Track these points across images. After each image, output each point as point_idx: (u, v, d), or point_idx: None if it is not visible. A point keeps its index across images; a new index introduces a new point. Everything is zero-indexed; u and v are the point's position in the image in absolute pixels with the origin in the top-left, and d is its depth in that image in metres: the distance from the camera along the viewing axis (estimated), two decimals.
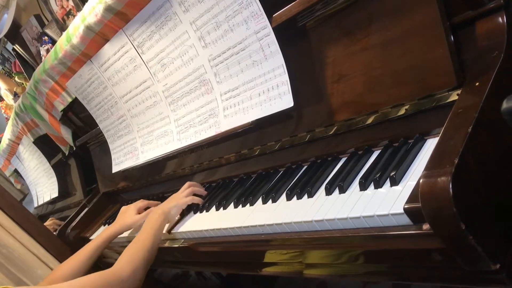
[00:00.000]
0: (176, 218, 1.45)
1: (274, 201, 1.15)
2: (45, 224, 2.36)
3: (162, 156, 1.68)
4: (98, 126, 2.05)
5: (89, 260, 1.51)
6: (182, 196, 1.46)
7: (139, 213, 1.62)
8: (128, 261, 1.23)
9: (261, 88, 1.23)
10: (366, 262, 0.88)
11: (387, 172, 0.91)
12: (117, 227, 1.57)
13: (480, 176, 0.72)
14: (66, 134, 2.36)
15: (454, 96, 0.87)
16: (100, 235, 1.57)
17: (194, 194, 1.48)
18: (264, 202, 1.18)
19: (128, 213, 1.61)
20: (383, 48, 0.98)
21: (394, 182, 0.88)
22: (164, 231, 1.41)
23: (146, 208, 1.66)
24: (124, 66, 1.65)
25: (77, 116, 2.30)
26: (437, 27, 0.87)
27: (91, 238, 2.09)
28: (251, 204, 1.22)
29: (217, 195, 1.44)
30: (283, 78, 1.18)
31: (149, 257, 1.28)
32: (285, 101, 1.18)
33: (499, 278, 0.70)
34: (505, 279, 0.69)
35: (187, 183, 1.52)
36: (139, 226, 1.58)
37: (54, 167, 2.79)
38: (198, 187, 1.51)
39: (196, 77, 1.42)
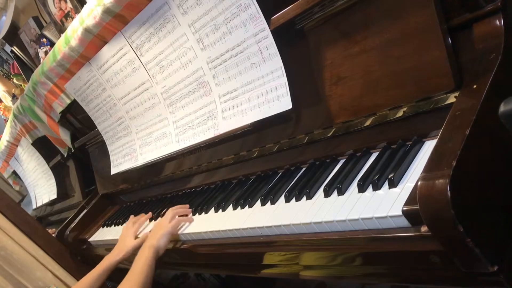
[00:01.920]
0: (166, 247, 1.39)
1: (272, 203, 1.15)
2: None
3: (161, 158, 1.68)
4: (96, 128, 2.05)
5: None
6: (167, 222, 1.41)
7: (136, 237, 1.61)
8: None
9: (260, 90, 1.24)
10: (364, 264, 0.89)
11: (386, 174, 0.91)
12: (115, 256, 1.55)
13: (478, 179, 0.72)
14: (64, 136, 2.36)
15: (452, 99, 0.87)
16: (101, 264, 1.54)
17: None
18: (263, 204, 1.18)
19: (126, 239, 1.60)
20: (381, 50, 0.98)
21: (393, 184, 0.88)
22: None
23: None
24: (122, 68, 1.65)
25: (76, 118, 2.30)
26: (435, 29, 0.88)
27: (89, 239, 2.09)
28: (250, 206, 1.22)
29: (216, 197, 1.44)
30: (282, 80, 1.18)
31: None
32: (284, 103, 1.18)
33: (497, 280, 0.70)
34: (503, 281, 0.70)
35: (169, 209, 1.48)
36: (137, 250, 1.57)
37: (53, 168, 2.79)
38: (180, 208, 1.48)
39: (194, 79, 1.42)
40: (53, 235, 2.24)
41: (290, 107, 1.16)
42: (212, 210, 1.37)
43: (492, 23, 0.84)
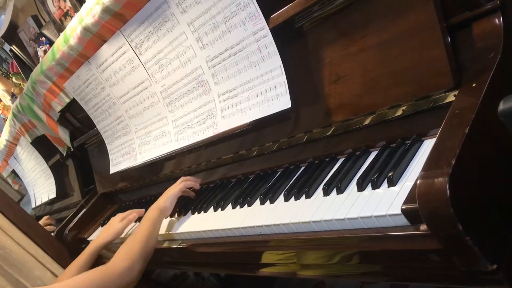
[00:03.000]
0: (171, 209, 1.46)
1: (272, 202, 1.15)
2: (40, 222, 2.36)
3: (160, 157, 1.68)
4: (95, 127, 2.04)
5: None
6: (174, 187, 1.48)
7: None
8: (125, 255, 1.28)
9: (259, 89, 1.23)
10: (363, 263, 0.89)
11: (385, 172, 0.91)
12: (102, 239, 1.58)
13: (477, 177, 0.72)
14: (63, 135, 2.35)
15: (451, 97, 0.87)
16: (87, 249, 1.58)
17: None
18: (262, 203, 1.18)
19: (112, 223, 1.63)
20: (380, 49, 0.98)
21: (392, 182, 0.88)
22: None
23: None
24: (121, 67, 1.65)
25: (75, 117, 2.30)
26: (434, 28, 0.88)
27: (88, 239, 2.09)
28: (249, 205, 1.22)
29: (215, 196, 1.44)
30: (281, 79, 1.18)
31: (146, 250, 1.31)
32: (283, 102, 1.18)
33: (496, 278, 0.70)
34: (502, 279, 0.70)
35: (181, 178, 1.54)
36: (121, 233, 1.60)
37: (52, 168, 2.78)
38: (191, 180, 1.53)
39: (194, 78, 1.42)
40: (52, 233, 2.24)
41: (289, 106, 1.16)
42: (211, 209, 1.37)
43: (492, 22, 0.84)
